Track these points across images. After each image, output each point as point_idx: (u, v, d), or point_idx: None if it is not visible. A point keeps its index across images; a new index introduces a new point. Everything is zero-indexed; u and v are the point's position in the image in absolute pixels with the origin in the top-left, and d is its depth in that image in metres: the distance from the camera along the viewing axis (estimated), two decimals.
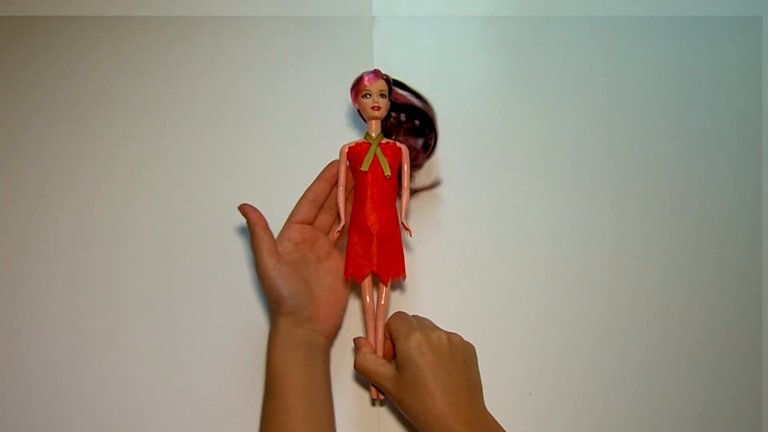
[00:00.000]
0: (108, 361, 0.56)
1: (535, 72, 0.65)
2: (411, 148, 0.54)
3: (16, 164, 0.62)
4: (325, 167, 0.54)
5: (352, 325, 0.56)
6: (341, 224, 0.52)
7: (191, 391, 0.54)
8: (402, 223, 0.52)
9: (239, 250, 0.59)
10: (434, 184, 0.59)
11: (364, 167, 0.50)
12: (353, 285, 0.54)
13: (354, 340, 0.52)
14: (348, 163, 0.53)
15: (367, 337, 0.52)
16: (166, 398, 0.54)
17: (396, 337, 0.49)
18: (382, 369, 0.49)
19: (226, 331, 0.56)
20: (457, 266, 0.59)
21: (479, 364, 0.50)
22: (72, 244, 0.60)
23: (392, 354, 0.51)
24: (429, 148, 0.57)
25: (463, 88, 0.65)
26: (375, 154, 0.51)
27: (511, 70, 0.66)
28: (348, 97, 0.54)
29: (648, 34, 0.67)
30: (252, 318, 0.56)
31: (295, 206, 0.53)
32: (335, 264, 0.53)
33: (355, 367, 0.50)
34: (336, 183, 0.53)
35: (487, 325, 0.57)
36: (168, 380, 0.55)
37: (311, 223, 0.53)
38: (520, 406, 0.50)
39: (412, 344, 0.47)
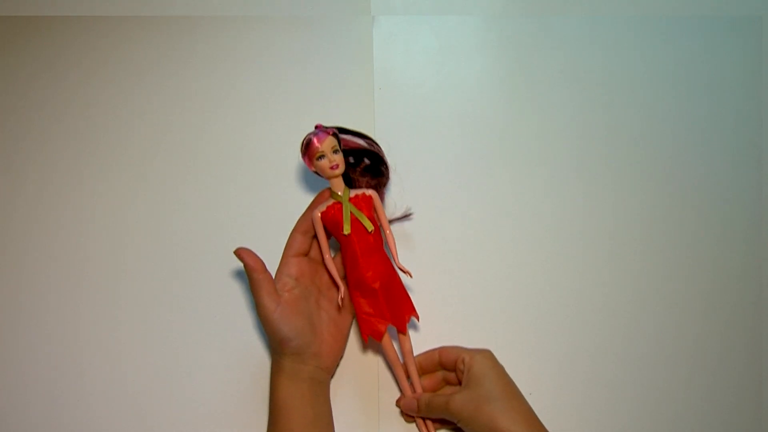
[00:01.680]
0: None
1: (535, 72, 0.65)
2: (373, 186, 0.53)
3: (16, 164, 0.62)
4: (316, 196, 0.53)
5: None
6: (341, 291, 0.50)
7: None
8: (399, 267, 0.51)
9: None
10: (405, 215, 0.58)
11: (346, 231, 0.48)
12: (352, 312, 0.54)
13: (399, 403, 0.53)
14: (325, 228, 0.51)
15: (401, 388, 0.52)
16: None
17: (463, 357, 0.50)
18: (447, 399, 0.48)
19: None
20: (457, 266, 0.59)
21: None
22: (72, 245, 0.60)
23: (432, 389, 0.53)
24: (384, 181, 0.54)
25: (463, 88, 0.65)
26: (352, 213, 0.49)
27: (510, 70, 0.66)
28: (302, 161, 0.51)
29: (648, 34, 0.67)
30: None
31: (289, 239, 0.52)
32: (334, 294, 0.53)
33: (420, 409, 0.51)
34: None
35: (487, 325, 0.57)
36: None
37: (307, 254, 0.52)
38: None
39: (487, 357, 0.49)
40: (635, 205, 0.61)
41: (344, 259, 0.51)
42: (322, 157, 0.48)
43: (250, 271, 0.48)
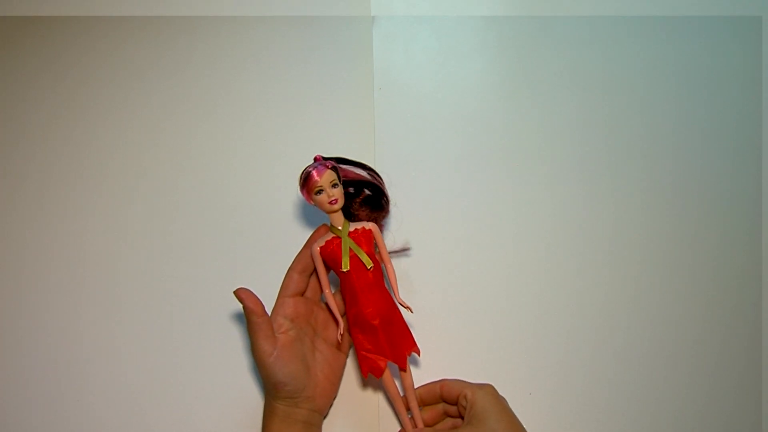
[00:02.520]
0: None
1: (535, 72, 0.65)
2: (372, 218, 0.52)
3: (16, 164, 0.62)
4: (313, 233, 0.52)
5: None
6: (341, 327, 0.50)
7: None
8: (399, 303, 0.50)
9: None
10: (404, 249, 0.58)
11: (345, 267, 0.48)
12: (349, 347, 0.54)
13: None
14: (324, 262, 0.50)
15: (402, 422, 0.52)
16: None
17: (465, 393, 0.49)
18: (455, 429, 0.48)
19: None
20: (456, 267, 0.59)
21: (481, 369, 0.51)
22: (71, 245, 0.60)
23: (433, 422, 0.52)
24: (384, 215, 0.53)
25: (463, 88, 0.65)
26: (351, 249, 0.48)
27: (510, 70, 0.66)
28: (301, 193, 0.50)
29: (648, 34, 0.67)
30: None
31: (286, 279, 0.51)
32: (332, 335, 0.53)
33: None
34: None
35: (487, 325, 0.57)
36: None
37: (303, 293, 0.52)
38: (520, 406, 0.50)
39: (490, 393, 0.49)
40: (635, 206, 0.61)
41: (343, 294, 0.50)
42: (320, 191, 0.48)
43: (249, 313, 0.48)
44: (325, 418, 0.53)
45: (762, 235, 0.60)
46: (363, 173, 0.52)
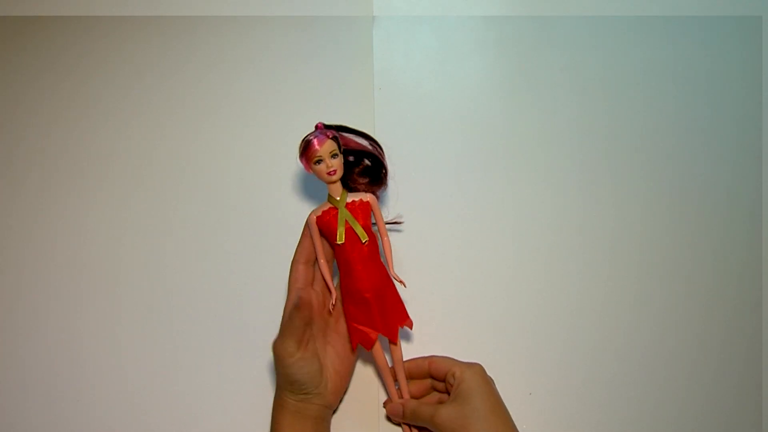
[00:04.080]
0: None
1: (535, 72, 0.65)
2: (369, 189, 0.51)
3: (16, 164, 0.62)
4: (306, 224, 0.51)
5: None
6: (333, 298, 0.50)
7: None
8: (393, 277, 0.50)
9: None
10: (396, 221, 0.57)
11: (340, 240, 0.48)
12: (361, 350, 0.54)
13: (386, 407, 0.53)
14: (320, 231, 0.50)
15: (389, 392, 0.52)
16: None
17: (453, 370, 0.49)
18: (434, 411, 0.48)
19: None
20: (456, 266, 0.59)
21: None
22: (71, 245, 0.60)
23: (420, 395, 0.53)
24: (381, 186, 0.53)
25: (463, 88, 0.65)
26: (347, 221, 0.48)
27: (510, 70, 0.66)
28: (301, 163, 0.50)
29: (648, 34, 0.67)
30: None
31: (292, 272, 0.50)
32: (343, 327, 0.52)
33: (405, 416, 0.51)
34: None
35: (487, 325, 0.57)
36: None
37: (312, 284, 0.51)
38: (520, 406, 0.50)
39: (478, 373, 0.49)
40: (635, 204, 0.61)
41: (338, 265, 0.50)
42: (320, 161, 0.47)
43: (299, 318, 0.47)
44: (334, 413, 0.53)
45: (762, 235, 0.60)
46: (364, 143, 0.51)
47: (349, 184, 0.51)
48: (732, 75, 0.66)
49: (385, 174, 0.52)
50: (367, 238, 0.48)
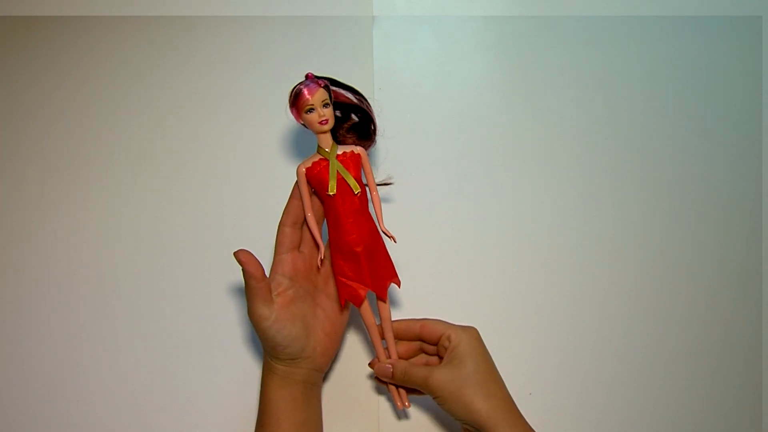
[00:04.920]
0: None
1: (535, 72, 0.65)
2: (358, 144, 0.50)
3: (16, 164, 0.62)
4: (294, 185, 0.51)
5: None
6: (321, 252, 0.49)
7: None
8: (383, 231, 0.49)
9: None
10: (386, 182, 0.55)
11: (331, 191, 0.46)
12: (352, 309, 0.53)
13: (373, 367, 0.52)
14: (309, 184, 0.49)
15: (376, 352, 0.51)
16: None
17: (448, 334, 0.49)
18: (427, 374, 0.48)
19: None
20: (455, 266, 0.59)
21: None
22: (70, 245, 0.60)
23: (408, 356, 0.52)
24: (370, 143, 0.51)
25: (463, 88, 0.65)
26: (338, 172, 0.47)
27: (510, 70, 0.66)
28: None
29: (648, 34, 0.67)
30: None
31: (278, 235, 0.50)
32: (332, 288, 0.51)
33: (395, 377, 0.50)
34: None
35: (487, 325, 0.57)
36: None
37: (299, 247, 0.51)
38: (520, 406, 0.50)
39: (474, 336, 0.49)
40: (635, 204, 0.61)
41: (327, 219, 0.49)
42: (311, 110, 0.46)
43: (248, 277, 0.47)
44: (325, 379, 0.53)
45: (762, 235, 0.61)
46: (352, 97, 0.50)
47: (338, 138, 0.49)
48: (732, 75, 0.66)
49: (374, 130, 0.51)
50: (359, 190, 0.47)
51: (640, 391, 0.56)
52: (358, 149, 0.49)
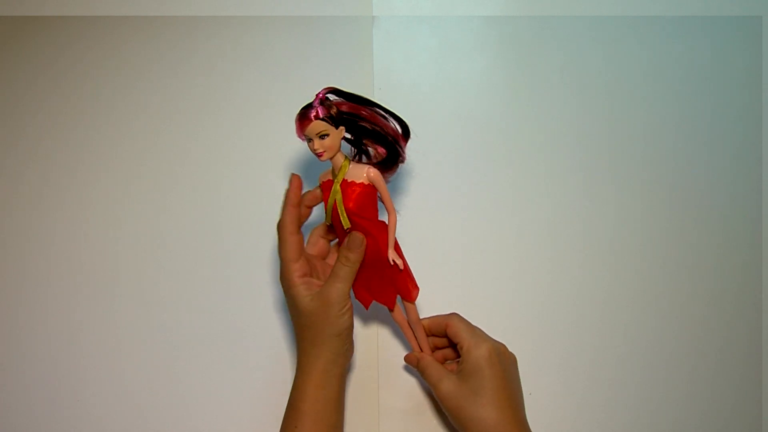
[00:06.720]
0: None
1: (535, 72, 0.65)
2: (377, 167, 0.47)
3: (15, 164, 0.62)
4: (287, 192, 0.50)
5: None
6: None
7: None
8: (390, 261, 0.47)
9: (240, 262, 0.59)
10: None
11: (326, 221, 0.47)
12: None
13: (408, 358, 0.53)
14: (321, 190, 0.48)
15: (411, 345, 0.53)
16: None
17: (462, 344, 0.48)
18: (437, 380, 0.48)
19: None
20: (456, 266, 0.59)
21: None
22: (70, 245, 0.60)
23: (442, 345, 0.52)
24: (391, 171, 0.48)
25: (463, 88, 0.65)
26: (335, 203, 0.46)
27: (511, 70, 0.66)
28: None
29: (648, 34, 0.67)
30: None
31: (281, 243, 0.48)
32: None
33: (418, 369, 0.51)
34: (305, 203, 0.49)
35: (487, 324, 0.57)
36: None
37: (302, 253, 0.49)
38: None
39: (484, 354, 0.47)
40: (636, 204, 0.61)
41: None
42: (309, 140, 0.45)
43: (355, 260, 0.46)
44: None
45: (762, 235, 0.61)
46: (385, 131, 0.46)
47: (363, 150, 0.47)
48: (732, 75, 0.66)
49: (399, 164, 0.48)
50: (348, 226, 0.46)
51: (641, 391, 0.56)
52: (371, 174, 0.46)
